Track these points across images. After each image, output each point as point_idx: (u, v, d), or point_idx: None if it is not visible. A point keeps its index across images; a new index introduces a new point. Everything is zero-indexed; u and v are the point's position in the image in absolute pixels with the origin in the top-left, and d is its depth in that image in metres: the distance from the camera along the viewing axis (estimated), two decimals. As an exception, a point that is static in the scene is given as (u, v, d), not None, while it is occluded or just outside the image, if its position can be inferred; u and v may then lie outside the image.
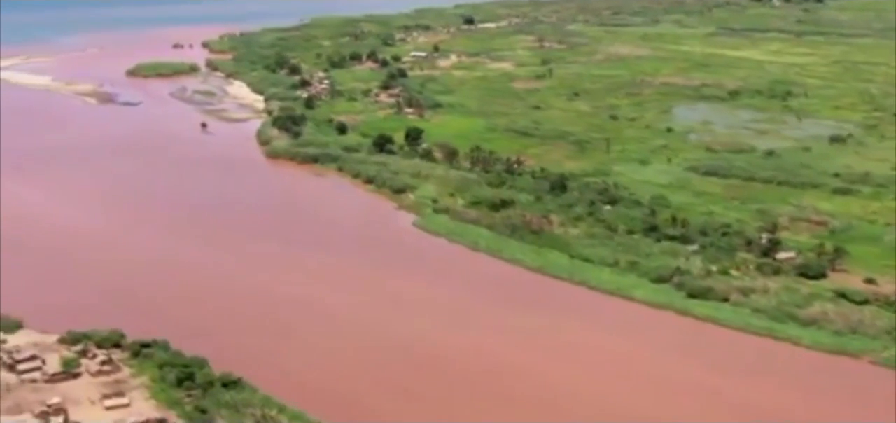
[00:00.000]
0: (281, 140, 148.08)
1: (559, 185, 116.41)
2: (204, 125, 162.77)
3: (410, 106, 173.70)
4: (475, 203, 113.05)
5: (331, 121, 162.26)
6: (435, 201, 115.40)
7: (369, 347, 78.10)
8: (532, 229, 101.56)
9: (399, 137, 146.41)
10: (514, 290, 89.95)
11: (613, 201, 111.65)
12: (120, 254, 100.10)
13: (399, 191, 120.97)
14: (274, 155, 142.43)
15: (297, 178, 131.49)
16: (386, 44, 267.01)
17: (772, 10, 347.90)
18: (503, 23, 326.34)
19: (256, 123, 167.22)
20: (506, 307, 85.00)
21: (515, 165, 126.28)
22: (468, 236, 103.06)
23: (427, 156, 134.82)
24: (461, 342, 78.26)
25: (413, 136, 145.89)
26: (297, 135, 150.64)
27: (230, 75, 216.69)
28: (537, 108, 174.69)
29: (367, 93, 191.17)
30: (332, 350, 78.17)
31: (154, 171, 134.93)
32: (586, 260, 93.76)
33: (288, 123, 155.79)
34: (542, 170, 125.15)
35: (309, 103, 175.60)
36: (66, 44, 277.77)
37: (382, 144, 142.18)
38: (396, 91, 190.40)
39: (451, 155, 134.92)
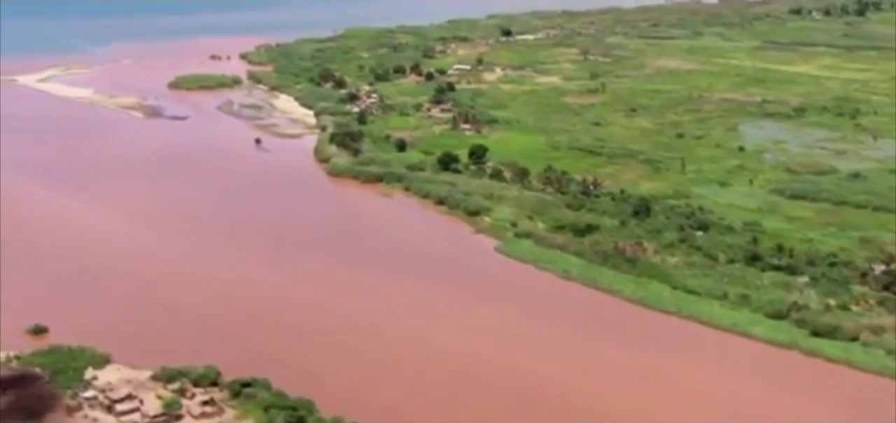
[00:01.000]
0: (341, 158, 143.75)
1: (643, 208, 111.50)
2: (258, 141, 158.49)
3: (466, 122, 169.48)
4: (558, 227, 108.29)
5: (388, 137, 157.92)
6: (514, 225, 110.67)
7: (484, 387, 73.29)
8: (626, 257, 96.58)
9: (462, 155, 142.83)
10: (621, 325, 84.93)
11: (704, 227, 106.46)
12: (200, 279, 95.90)
13: (473, 213, 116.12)
14: (336, 173, 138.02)
15: (364, 198, 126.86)
16: (426, 56, 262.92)
17: (813, 23, 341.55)
18: (541, 34, 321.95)
19: (311, 139, 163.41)
20: (618, 345, 79.97)
21: (592, 187, 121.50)
22: (557, 263, 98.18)
23: (497, 176, 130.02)
24: (583, 386, 73.19)
25: (477, 154, 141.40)
26: (356, 152, 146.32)
27: (274, 88, 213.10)
28: (597, 124, 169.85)
29: (418, 107, 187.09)
30: (439, 388, 73.54)
31: (216, 189, 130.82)
32: (690, 292, 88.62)
33: (346, 139, 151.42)
34: (622, 192, 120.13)
35: (362, 119, 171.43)
36: (100, 55, 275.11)
37: (447, 162, 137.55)
38: (448, 106, 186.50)
39: (522, 175, 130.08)
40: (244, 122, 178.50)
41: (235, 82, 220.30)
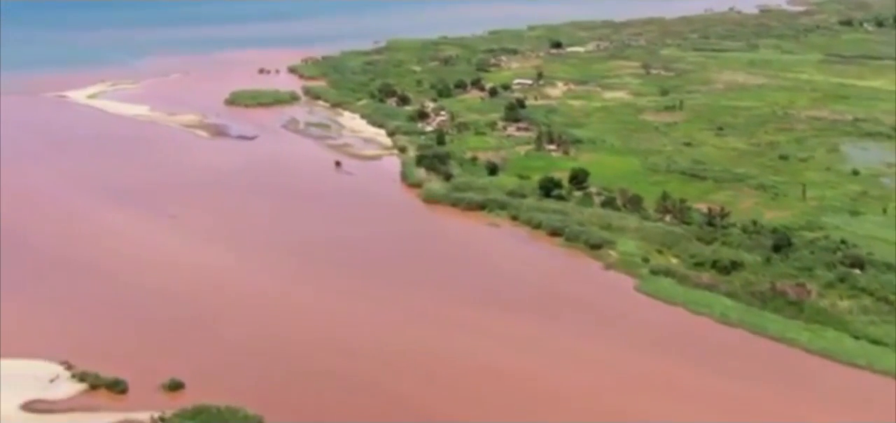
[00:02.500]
0: (433, 182, 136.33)
1: (784, 242, 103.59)
2: (338, 163, 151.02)
3: (551, 142, 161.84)
4: (697, 264, 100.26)
5: (474, 159, 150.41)
6: (646, 260, 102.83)
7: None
8: (788, 300, 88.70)
9: (550, 178, 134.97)
10: (814, 382, 76.28)
11: (858, 264, 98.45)
12: (320, 321, 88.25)
13: (595, 246, 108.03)
14: (431, 199, 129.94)
15: (468, 228, 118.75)
16: (480, 69, 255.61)
17: (867, 35, 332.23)
18: (590, 46, 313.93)
19: (391, 161, 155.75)
20: (823, 409, 71.54)
21: (719, 217, 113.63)
22: (712, 305, 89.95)
23: (610, 204, 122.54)
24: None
25: (578, 178, 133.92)
26: (448, 176, 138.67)
27: (335, 105, 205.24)
28: (688, 144, 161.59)
29: (492, 125, 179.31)
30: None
31: (307, 217, 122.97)
32: (875, 342, 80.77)
33: (434, 162, 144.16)
34: (755, 223, 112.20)
35: (440, 139, 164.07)
36: (142, 68, 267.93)
37: (549, 187, 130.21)
38: (524, 124, 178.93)
39: (634, 202, 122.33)
40: (314, 141, 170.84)
41: (293, 98, 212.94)
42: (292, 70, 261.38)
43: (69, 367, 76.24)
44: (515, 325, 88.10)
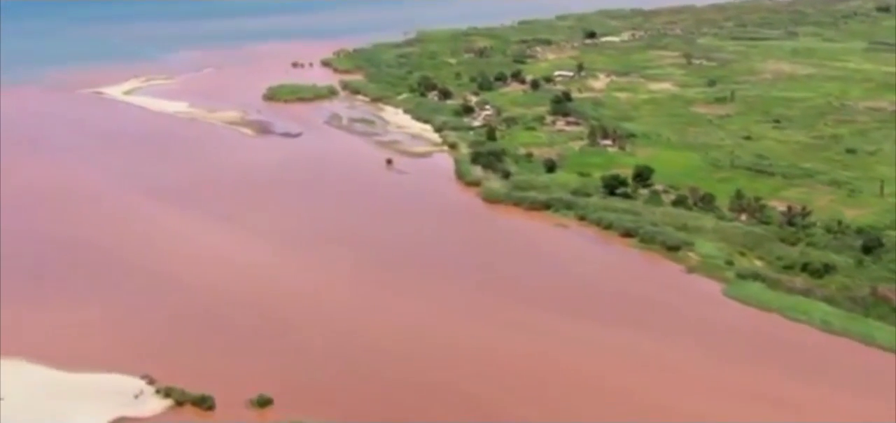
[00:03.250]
0: (492, 181, 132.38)
1: (875, 243, 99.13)
2: (389, 162, 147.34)
3: (605, 137, 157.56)
4: (785, 267, 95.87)
5: (530, 156, 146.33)
6: (730, 263, 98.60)
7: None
8: (893, 306, 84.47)
9: (606, 174, 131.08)
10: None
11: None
12: (401, 330, 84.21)
13: (673, 248, 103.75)
14: (491, 199, 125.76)
15: (535, 230, 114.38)
16: (516, 61, 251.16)
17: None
18: (625, 36, 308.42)
19: (442, 158, 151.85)
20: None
21: (800, 216, 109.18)
22: (811, 312, 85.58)
23: (682, 203, 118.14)
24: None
25: (643, 175, 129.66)
26: (505, 174, 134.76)
27: (376, 100, 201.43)
28: (747, 138, 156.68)
29: (540, 120, 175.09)
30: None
31: (365, 219, 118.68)
32: None
33: (490, 159, 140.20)
34: (840, 223, 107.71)
35: (491, 134, 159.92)
36: (175, 63, 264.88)
37: (614, 186, 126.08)
38: (573, 118, 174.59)
39: (707, 201, 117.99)
40: (360, 138, 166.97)
41: (332, 93, 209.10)
42: (326, 64, 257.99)
43: (151, 381, 73.00)
44: (602, 334, 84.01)
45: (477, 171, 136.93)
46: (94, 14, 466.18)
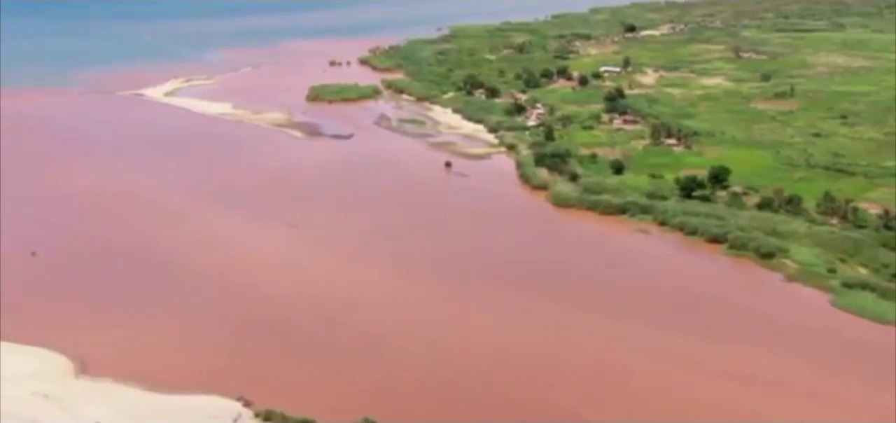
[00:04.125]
0: (560, 184, 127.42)
1: None
2: (448, 164, 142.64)
3: (668, 135, 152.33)
4: (894, 275, 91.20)
5: (594, 156, 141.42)
6: (832, 271, 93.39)
7: None
8: None
9: (674, 176, 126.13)
10: None
11: None
12: (482, 347, 79.46)
13: (767, 255, 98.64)
14: (562, 203, 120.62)
15: (617, 236, 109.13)
16: (558, 57, 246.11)
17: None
18: (664, 29, 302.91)
19: (501, 159, 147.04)
20: None
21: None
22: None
23: (767, 206, 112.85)
24: None
25: (719, 177, 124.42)
26: (573, 176, 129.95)
27: (421, 99, 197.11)
28: (817, 135, 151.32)
29: (595, 118, 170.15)
30: None
31: (431, 225, 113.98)
32: None
33: (555, 161, 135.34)
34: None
35: (549, 134, 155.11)
36: (210, 62, 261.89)
37: (690, 188, 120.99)
38: (630, 116, 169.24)
39: (793, 203, 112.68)
40: (412, 139, 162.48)
41: (375, 92, 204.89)
42: (364, 62, 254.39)
43: (248, 403, 68.87)
44: (715, 351, 78.74)
45: (542, 173, 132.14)
46: (118, 11, 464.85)
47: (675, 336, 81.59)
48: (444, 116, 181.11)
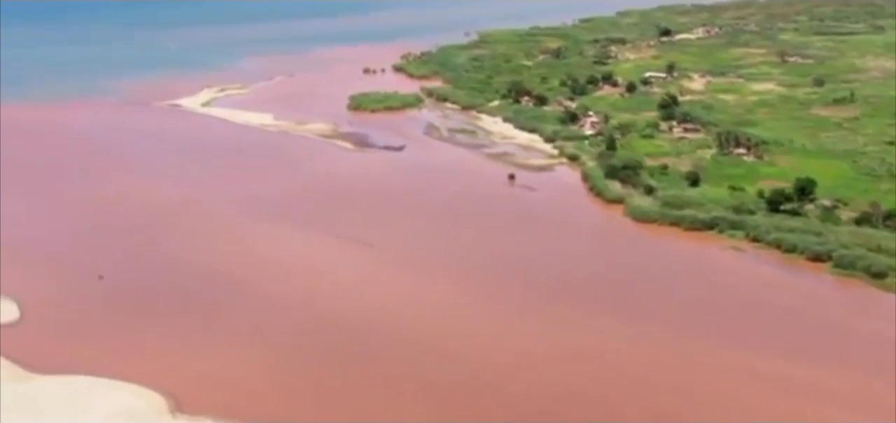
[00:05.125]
0: (637, 198, 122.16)
1: None
2: (512, 177, 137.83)
3: (737, 145, 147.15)
4: None
5: (665, 168, 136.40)
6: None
7: None
8: None
9: (750, 188, 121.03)
10: None
11: None
12: (597, 382, 73.82)
13: (878, 275, 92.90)
14: (642, 218, 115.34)
15: (710, 255, 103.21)
16: (597, 63, 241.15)
17: None
18: (698, 32, 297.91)
19: (565, 172, 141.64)
20: None
21: None
22: None
23: (866, 221, 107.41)
24: None
25: (806, 189, 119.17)
26: (649, 189, 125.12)
27: (467, 108, 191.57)
28: (891, 142, 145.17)
29: (653, 126, 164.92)
30: None
31: (506, 241, 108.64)
32: None
33: (627, 173, 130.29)
34: None
35: (611, 144, 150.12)
36: (240, 71, 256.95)
37: (777, 201, 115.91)
38: (692, 125, 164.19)
39: (893, 219, 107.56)
40: (467, 150, 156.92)
41: (418, 101, 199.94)
42: (398, 69, 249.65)
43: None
44: (830, 379, 74.45)
45: (615, 186, 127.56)
46: (140, 18, 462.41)
47: (788, 364, 76.09)
48: (495, 125, 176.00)
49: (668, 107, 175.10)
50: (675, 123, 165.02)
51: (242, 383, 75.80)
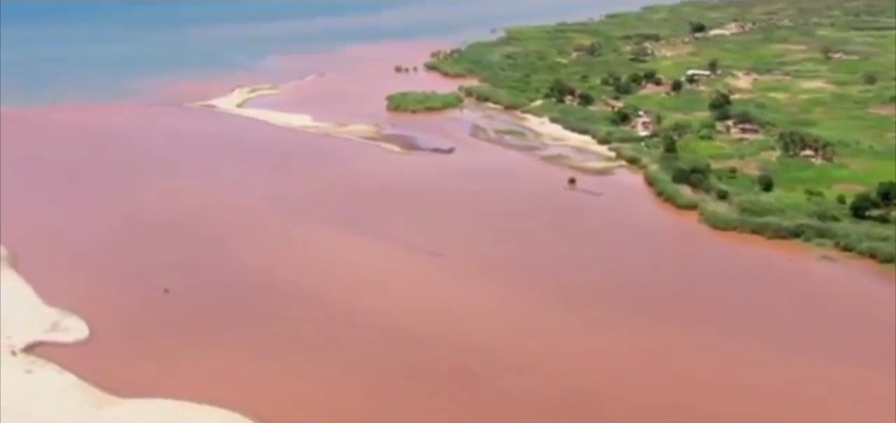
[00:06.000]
0: (711, 203, 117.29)
1: None
2: (572, 181, 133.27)
3: (804, 146, 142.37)
4: None
5: (734, 171, 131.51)
6: None
7: None
8: None
9: (826, 192, 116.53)
10: None
11: None
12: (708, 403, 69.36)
13: None
14: (719, 225, 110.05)
15: (803, 266, 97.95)
16: (634, 60, 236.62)
17: None
18: (731, 27, 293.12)
19: (625, 175, 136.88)
20: None
21: None
22: None
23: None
24: None
25: (891, 194, 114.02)
26: (722, 195, 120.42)
27: (510, 107, 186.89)
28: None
29: (710, 127, 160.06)
30: None
31: (583, 251, 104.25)
32: None
33: (697, 177, 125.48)
34: None
35: (671, 146, 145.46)
36: (269, 70, 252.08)
37: (863, 208, 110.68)
38: (750, 125, 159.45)
39: None
40: (519, 153, 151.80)
41: (458, 101, 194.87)
42: (431, 67, 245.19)
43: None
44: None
45: (686, 191, 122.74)
46: (153, 16, 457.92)
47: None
48: (542, 125, 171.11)
49: (721, 106, 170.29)
50: (730, 123, 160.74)
51: (338, 410, 71.04)
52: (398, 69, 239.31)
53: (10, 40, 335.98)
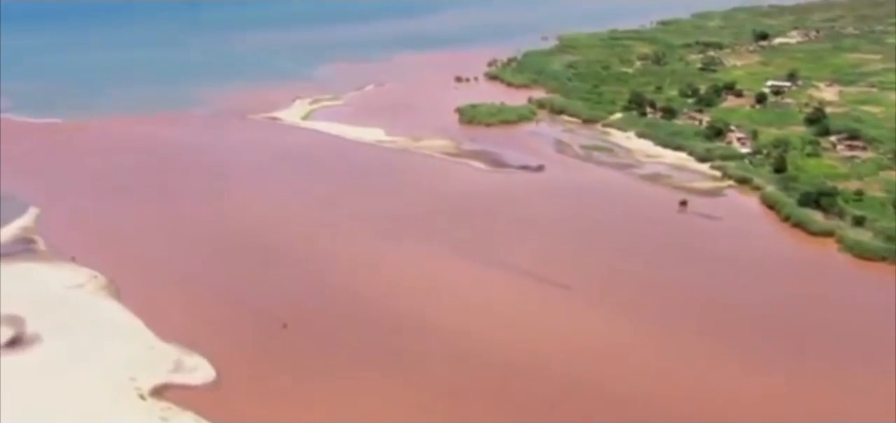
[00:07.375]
0: (849, 231, 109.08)
1: None
2: (683, 203, 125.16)
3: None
4: None
5: (860, 194, 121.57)
6: None
7: None
8: None
9: None
10: None
11: None
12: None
13: None
14: (864, 255, 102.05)
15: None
16: (704, 69, 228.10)
17: None
18: (794, 35, 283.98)
19: (737, 196, 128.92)
20: None
21: None
22: None
23: None
24: None
25: None
26: (858, 221, 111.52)
27: (588, 121, 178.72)
28: None
29: (813, 143, 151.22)
30: None
31: (712, 281, 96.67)
32: None
33: (826, 201, 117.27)
34: None
35: (781, 165, 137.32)
36: (324, 79, 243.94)
37: None
38: (859, 142, 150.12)
39: None
40: (613, 171, 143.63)
41: (532, 114, 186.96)
42: (492, 77, 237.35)
43: None
44: None
45: (816, 216, 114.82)
46: (196, 18, 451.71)
47: None
48: (629, 141, 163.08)
49: (818, 121, 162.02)
50: (834, 139, 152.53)
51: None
52: (458, 79, 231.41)
53: (48, 45, 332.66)
